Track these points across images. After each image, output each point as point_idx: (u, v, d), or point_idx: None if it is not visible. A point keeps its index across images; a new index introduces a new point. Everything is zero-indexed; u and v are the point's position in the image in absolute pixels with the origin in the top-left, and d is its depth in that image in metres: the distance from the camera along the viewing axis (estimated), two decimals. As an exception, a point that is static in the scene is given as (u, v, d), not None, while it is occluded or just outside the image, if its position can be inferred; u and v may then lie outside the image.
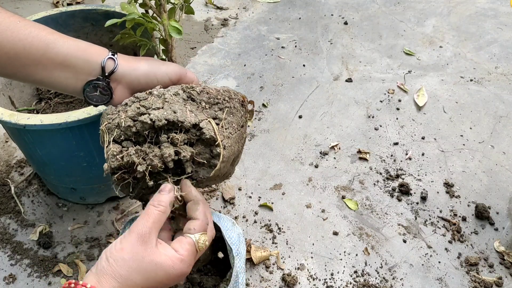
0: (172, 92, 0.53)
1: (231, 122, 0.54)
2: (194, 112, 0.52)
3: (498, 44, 1.58)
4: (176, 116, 0.51)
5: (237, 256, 0.77)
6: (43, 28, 0.53)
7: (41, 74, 0.53)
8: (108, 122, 0.53)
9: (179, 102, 0.53)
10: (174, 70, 0.57)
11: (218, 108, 0.53)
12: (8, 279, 0.89)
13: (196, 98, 0.53)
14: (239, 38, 1.61)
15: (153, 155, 0.51)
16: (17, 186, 1.06)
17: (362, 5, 1.79)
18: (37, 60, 0.52)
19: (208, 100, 0.53)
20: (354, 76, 1.44)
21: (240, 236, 0.84)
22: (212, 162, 0.53)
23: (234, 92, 0.56)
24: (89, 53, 0.54)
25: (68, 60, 0.53)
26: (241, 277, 0.76)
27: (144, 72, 0.56)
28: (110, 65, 0.54)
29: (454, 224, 1.01)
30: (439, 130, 1.25)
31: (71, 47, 0.53)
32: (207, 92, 0.54)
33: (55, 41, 0.52)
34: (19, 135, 0.85)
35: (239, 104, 0.56)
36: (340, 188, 1.09)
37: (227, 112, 0.54)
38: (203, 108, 0.53)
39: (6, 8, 0.54)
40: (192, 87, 0.54)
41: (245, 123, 0.58)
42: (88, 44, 0.55)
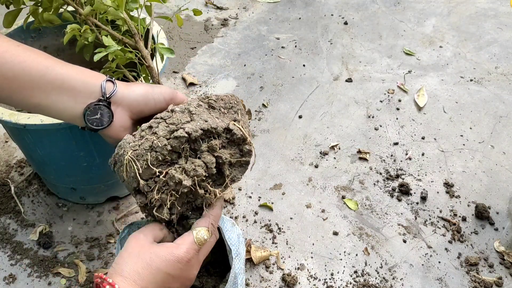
0: (194, 105, 0.56)
1: (245, 122, 0.59)
2: (220, 118, 0.56)
3: (498, 44, 1.58)
4: (209, 124, 0.54)
5: (237, 256, 0.77)
6: (41, 53, 0.54)
7: (38, 97, 0.53)
8: (133, 150, 0.53)
9: (205, 112, 0.56)
10: (167, 91, 0.59)
11: (233, 111, 0.58)
12: (8, 279, 0.89)
13: (215, 105, 0.58)
14: (239, 38, 1.61)
15: (197, 165, 0.53)
16: (17, 186, 1.06)
17: (362, 5, 1.79)
18: (35, 83, 0.52)
19: (225, 105, 0.58)
20: (354, 76, 1.44)
21: (240, 236, 0.84)
22: (243, 160, 0.58)
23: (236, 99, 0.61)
24: (88, 76, 0.55)
25: (67, 83, 0.53)
26: (241, 278, 0.76)
27: (142, 93, 0.57)
28: (110, 87, 0.55)
29: (454, 224, 1.01)
30: (439, 130, 1.25)
31: (69, 71, 0.53)
32: (221, 99, 0.58)
33: (53, 65, 0.53)
34: (19, 135, 0.85)
35: (243, 107, 0.61)
36: (340, 188, 1.09)
37: (240, 113, 0.58)
38: (223, 113, 0.57)
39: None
40: (208, 97, 0.58)
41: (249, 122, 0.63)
42: (86, 69, 0.56)
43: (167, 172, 0.52)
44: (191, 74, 1.44)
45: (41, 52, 0.54)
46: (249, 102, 1.33)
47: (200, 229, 0.54)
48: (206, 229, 0.55)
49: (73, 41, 1.04)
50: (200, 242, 0.53)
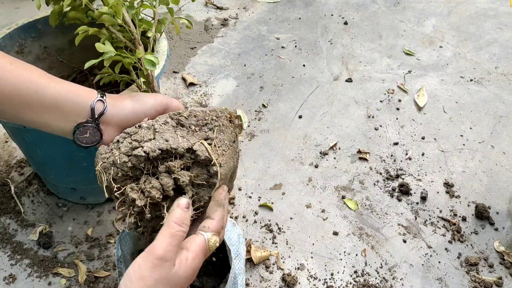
0: (161, 122, 0.54)
1: (222, 140, 0.54)
2: (185, 137, 0.53)
3: (498, 44, 1.58)
4: (168, 144, 0.52)
5: (237, 257, 0.77)
6: (34, 70, 0.54)
7: (30, 115, 0.54)
8: (103, 162, 0.54)
9: (169, 130, 0.53)
10: (159, 101, 0.58)
11: (208, 129, 0.54)
12: (8, 279, 0.89)
13: (185, 123, 0.54)
14: (239, 38, 1.61)
15: (150, 187, 0.52)
16: (17, 186, 1.06)
17: (362, 5, 1.79)
18: (27, 102, 0.53)
19: (197, 122, 0.54)
20: (354, 76, 1.44)
21: (240, 236, 0.84)
22: (211, 181, 0.54)
23: (221, 110, 0.57)
24: (79, 96, 0.55)
25: (58, 103, 0.54)
26: (241, 278, 0.77)
27: (131, 110, 0.57)
28: (100, 108, 0.55)
29: (454, 224, 1.01)
30: (439, 130, 1.25)
31: (61, 89, 0.54)
32: (194, 115, 0.54)
33: (45, 84, 0.53)
34: (19, 135, 0.85)
35: (227, 121, 0.56)
36: (340, 188, 1.09)
37: (217, 130, 0.54)
38: (194, 131, 0.54)
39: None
40: (180, 113, 0.55)
41: (236, 138, 0.59)
42: (78, 87, 0.56)
43: (124, 189, 0.52)
44: (191, 74, 1.44)
45: (34, 69, 0.54)
46: (249, 102, 1.33)
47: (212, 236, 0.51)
48: (216, 235, 0.52)
49: (73, 41, 1.04)
50: (212, 249, 0.51)
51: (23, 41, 0.95)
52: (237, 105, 1.32)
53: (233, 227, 0.83)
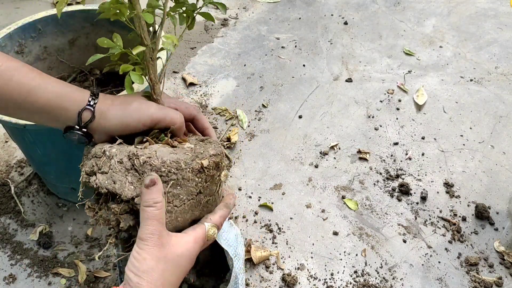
0: (117, 159, 0.51)
1: (177, 195, 0.51)
2: (134, 184, 0.50)
3: (498, 44, 1.58)
4: (114, 187, 0.50)
5: (235, 257, 0.77)
6: (25, 72, 0.54)
7: (22, 115, 0.56)
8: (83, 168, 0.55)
9: (121, 171, 0.51)
10: (148, 116, 0.55)
11: (162, 181, 0.50)
12: (8, 279, 0.89)
13: (138, 168, 0.50)
14: (239, 38, 1.61)
15: (101, 214, 0.52)
16: (17, 186, 1.06)
17: (362, 5, 1.79)
18: (18, 105, 0.54)
19: (150, 172, 0.50)
20: (354, 76, 1.44)
21: (238, 236, 0.84)
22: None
23: (187, 161, 0.51)
24: (68, 102, 0.54)
25: (47, 108, 0.54)
26: (241, 278, 0.76)
27: (118, 122, 0.55)
28: (87, 117, 0.54)
29: (454, 224, 1.01)
30: (439, 130, 1.25)
31: (51, 94, 0.54)
32: (150, 164, 0.50)
33: (36, 88, 0.53)
34: (19, 135, 0.85)
35: (191, 173, 0.51)
36: (340, 188, 1.09)
37: (172, 184, 0.50)
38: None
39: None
40: (137, 155, 0.50)
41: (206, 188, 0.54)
42: (69, 90, 0.55)
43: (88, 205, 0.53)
44: (191, 74, 1.44)
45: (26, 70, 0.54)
46: (249, 102, 1.33)
47: (212, 226, 0.55)
48: (216, 227, 0.55)
49: (73, 41, 1.04)
50: (210, 238, 0.54)
51: (23, 41, 0.95)
52: (237, 105, 1.32)
53: (230, 227, 0.83)
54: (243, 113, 1.29)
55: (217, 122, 1.26)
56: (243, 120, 1.27)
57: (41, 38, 0.99)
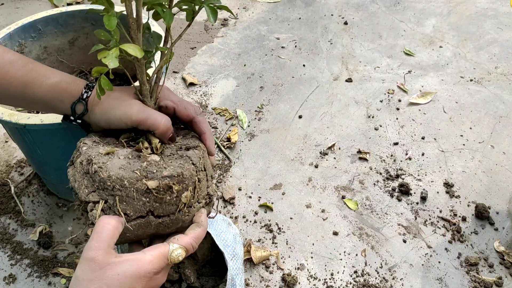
0: (79, 160, 0.51)
1: (124, 210, 0.48)
2: (88, 188, 0.49)
3: (498, 44, 1.58)
4: (74, 186, 0.51)
5: (234, 257, 0.77)
6: (21, 65, 0.54)
7: (22, 105, 0.57)
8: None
9: (80, 173, 0.50)
10: (128, 117, 0.53)
11: (109, 194, 0.48)
12: (8, 279, 0.89)
13: (92, 176, 0.49)
14: (239, 38, 1.61)
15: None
16: (17, 186, 1.06)
17: (362, 5, 1.79)
18: (15, 98, 0.55)
19: (99, 182, 0.48)
20: (354, 76, 1.44)
21: (237, 236, 0.84)
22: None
23: (131, 180, 0.48)
24: (64, 94, 0.55)
25: (44, 100, 0.55)
26: (239, 278, 0.76)
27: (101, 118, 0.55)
28: (80, 109, 0.55)
29: (454, 224, 1.01)
30: (439, 130, 1.25)
31: (48, 88, 0.54)
32: (98, 175, 0.48)
33: (32, 82, 0.54)
34: (19, 135, 0.85)
35: (136, 193, 0.49)
36: (340, 188, 1.09)
37: (119, 199, 0.48)
38: (97, 188, 0.49)
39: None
40: (92, 162, 0.49)
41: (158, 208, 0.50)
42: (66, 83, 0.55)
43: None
44: (191, 74, 1.44)
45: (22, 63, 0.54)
46: (249, 102, 1.33)
47: (178, 247, 0.49)
48: (184, 250, 0.49)
49: (73, 41, 1.04)
50: (173, 261, 0.48)
51: (23, 41, 0.95)
52: (237, 105, 1.32)
53: (228, 227, 0.83)
54: (243, 113, 1.29)
55: (217, 122, 1.26)
56: (243, 120, 1.27)
57: (41, 38, 0.99)
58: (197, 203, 0.54)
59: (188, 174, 0.51)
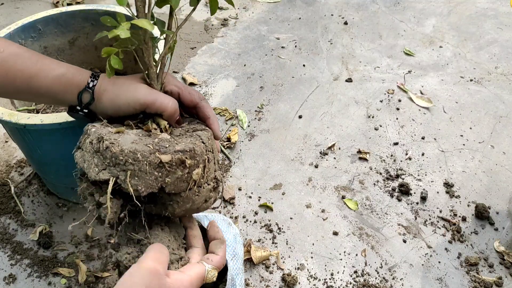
0: (89, 140, 0.51)
1: (135, 185, 0.48)
2: (99, 166, 0.49)
3: (498, 44, 1.58)
4: (84, 166, 0.50)
5: (234, 257, 0.77)
6: (28, 57, 0.54)
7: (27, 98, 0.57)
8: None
9: (90, 152, 0.50)
10: (137, 100, 0.53)
11: (121, 169, 0.48)
12: (8, 279, 0.89)
13: (103, 153, 0.49)
14: (239, 38, 1.61)
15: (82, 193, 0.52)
16: (17, 186, 1.06)
17: (362, 5, 1.79)
18: (22, 91, 0.55)
19: (111, 158, 0.48)
20: (354, 76, 1.44)
21: (237, 236, 0.84)
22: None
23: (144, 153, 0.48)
24: (70, 85, 0.55)
25: (50, 92, 0.55)
26: (239, 278, 0.77)
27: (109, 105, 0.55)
28: (86, 98, 0.55)
29: (454, 224, 1.01)
30: (439, 130, 1.25)
31: (53, 79, 0.54)
32: (110, 150, 0.48)
33: (38, 74, 0.54)
34: (19, 135, 0.85)
35: (149, 167, 0.48)
36: (340, 188, 1.09)
37: (130, 175, 0.48)
38: (108, 165, 0.48)
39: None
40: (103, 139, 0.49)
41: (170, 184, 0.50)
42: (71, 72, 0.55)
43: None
44: (191, 74, 1.44)
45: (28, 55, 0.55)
46: (249, 102, 1.33)
47: (212, 269, 0.51)
48: (216, 270, 0.52)
49: (73, 41, 1.04)
50: (208, 281, 0.51)
51: (23, 41, 0.95)
52: (237, 105, 1.32)
53: (229, 227, 0.83)
54: (243, 113, 1.29)
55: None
56: (243, 120, 1.27)
57: (41, 38, 0.99)
58: (206, 184, 0.54)
59: (199, 150, 0.52)
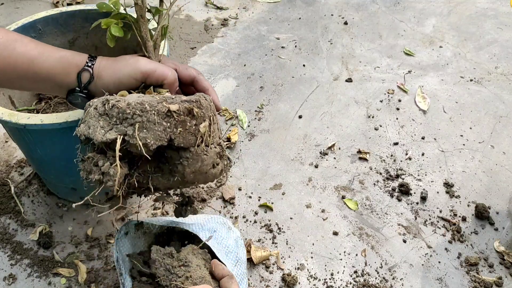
0: (93, 106, 0.51)
1: (143, 138, 0.48)
2: (105, 128, 0.49)
3: (498, 44, 1.58)
4: (89, 132, 0.50)
5: (237, 263, 0.77)
6: (27, 42, 0.56)
7: (27, 85, 0.58)
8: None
9: (95, 116, 0.50)
10: (137, 69, 0.55)
11: (128, 124, 0.48)
12: (8, 279, 0.89)
13: (109, 113, 0.49)
14: (239, 38, 1.61)
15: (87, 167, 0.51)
16: (17, 186, 1.06)
17: (362, 5, 1.79)
18: (22, 75, 0.55)
19: (118, 115, 0.48)
20: (354, 76, 1.44)
21: (238, 239, 0.83)
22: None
23: (152, 103, 0.48)
24: (69, 66, 0.56)
25: (51, 74, 0.56)
26: (244, 283, 0.76)
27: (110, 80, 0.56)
28: (86, 77, 0.57)
29: (454, 224, 1.01)
30: (439, 130, 1.25)
31: (53, 61, 0.55)
32: (116, 107, 0.49)
33: (38, 57, 0.55)
34: (19, 135, 0.85)
35: (157, 116, 0.48)
36: (340, 188, 1.09)
37: (138, 127, 0.48)
38: (114, 123, 0.48)
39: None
40: (108, 100, 0.50)
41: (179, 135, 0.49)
42: (69, 55, 0.57)
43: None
44: (191, 74, 1.44)
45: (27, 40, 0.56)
46: (249, 102, 1.33)
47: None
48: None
49: (73, 41, 1.04)
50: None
51: (23, 41, 0.95)
52: (237, 105, 1.32)
53: (229, 232, 0.82)
54: (243, 113, 1.29)
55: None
56: (243, 120, 1.27)
57: (41, 38, 0.99)
58: (213, 145, 0.54)
59: (205, 103, 0.52)
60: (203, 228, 0.78)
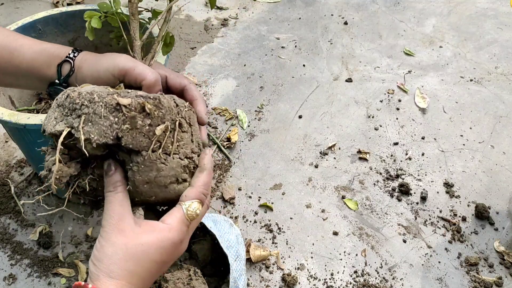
0: (57, 97, 0.47)
1: (87, 133, 0.43)
2: (57, 119, 0.45)
3: (498, 44, 1.58)
4: (44, 122, 0.47)
5: (237, 258, 0.77)
6: (7, 34, 0.55)
7: (8, 79, 0.56)
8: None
9: (53, 108, 0.46)
10: (116, 65, 0.51)
11: (76, 115, 0.43)
12: (8, 279, 0.89)
13: (63, 103, 0.45)
14: (239, 38, 1.61)
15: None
16: (17, 186, 1.06)
17: (362, 5, 1.79)
18: (4, 68, 0.54)
19: (69, 105, 0.44)
20: (354, 76, 1.44)
21: (239, 236, 0.84)
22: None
23: (101, 94, 0.44)
24: (51, 57, 0.55)
25: (32, 66, 0.54)
26: (242, 279, 0.76)
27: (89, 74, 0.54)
28: (66, 69, 0.55)
29: (454, 224, 1.01)
30: (439, 130, 1.25)
31: (35, 53, 0.54)
32: (69, 97, 0.44)
33: (19, 49, 0.54)
34: (19, 135, 0.85)
35: (104, 109, 0.43)
36: (340, 188, 1.09)
37: (84, 120, 0.43)
38: (65, 115, 0.44)
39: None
40: (66, 91, 0.46)
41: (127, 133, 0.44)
42: (51, 47, 0.56)
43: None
44: (191, 74, 1.44)
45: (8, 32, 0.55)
46: (249, 102, 1.33)
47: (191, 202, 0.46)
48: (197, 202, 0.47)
49: (73, 41, 1.04)
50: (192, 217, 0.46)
51: (23, 41, 0.95)
52: (237, 105, 1.32)
53: (231, 228, 0.83)
54: (243, 113, 1.29)
55: (217, 122, 1.26)
56: (243, 120, 1.27)
57: (41, 38, 0.98)
58: (177, 155, 0.47)
59: (167, 104, 0.46)
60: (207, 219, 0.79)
